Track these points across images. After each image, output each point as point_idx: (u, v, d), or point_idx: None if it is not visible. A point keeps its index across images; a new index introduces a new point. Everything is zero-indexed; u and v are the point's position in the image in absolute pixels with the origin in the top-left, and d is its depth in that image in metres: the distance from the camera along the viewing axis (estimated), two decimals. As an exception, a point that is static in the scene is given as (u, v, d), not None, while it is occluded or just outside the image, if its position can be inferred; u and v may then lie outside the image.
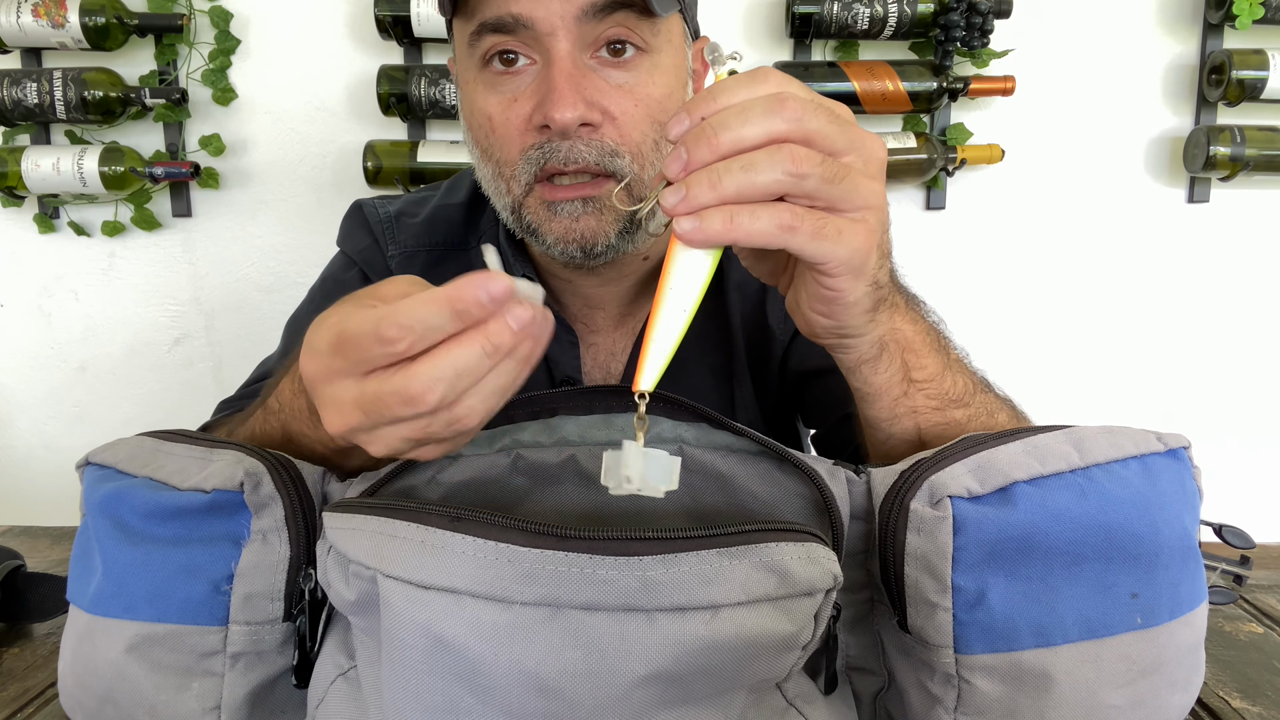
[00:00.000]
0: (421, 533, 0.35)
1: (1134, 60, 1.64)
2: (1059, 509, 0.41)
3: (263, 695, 0.45)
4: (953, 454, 0.43)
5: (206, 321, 1.70)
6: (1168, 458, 0.44)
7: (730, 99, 0.38)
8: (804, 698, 0.42)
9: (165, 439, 0.48)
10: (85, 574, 0.47)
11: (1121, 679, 0.42)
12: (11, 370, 1.72)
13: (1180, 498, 0.44)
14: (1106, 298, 1.69)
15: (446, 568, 0.34)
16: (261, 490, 0.44)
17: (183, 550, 0.44)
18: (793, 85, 0.40)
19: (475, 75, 0.65)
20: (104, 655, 0.44)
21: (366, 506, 0.39)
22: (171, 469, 0.45)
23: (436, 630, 0.35)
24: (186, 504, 0.43)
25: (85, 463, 0.49)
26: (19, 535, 0.88)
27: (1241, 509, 1.72)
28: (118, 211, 1.65)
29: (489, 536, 0.34)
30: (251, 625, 0.44)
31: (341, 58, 1.62)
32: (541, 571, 0.34)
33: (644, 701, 0.35)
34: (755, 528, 0.36)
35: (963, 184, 1.66)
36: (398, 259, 0.79)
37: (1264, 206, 1.67)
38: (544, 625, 0.34)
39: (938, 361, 0.51)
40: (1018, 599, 0.41)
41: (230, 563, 0.43)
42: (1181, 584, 0.44)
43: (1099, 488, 0.42)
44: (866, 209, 0.40)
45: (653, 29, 0.64)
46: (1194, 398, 1.71)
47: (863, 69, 1.54)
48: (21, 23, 1.50)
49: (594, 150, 0.62)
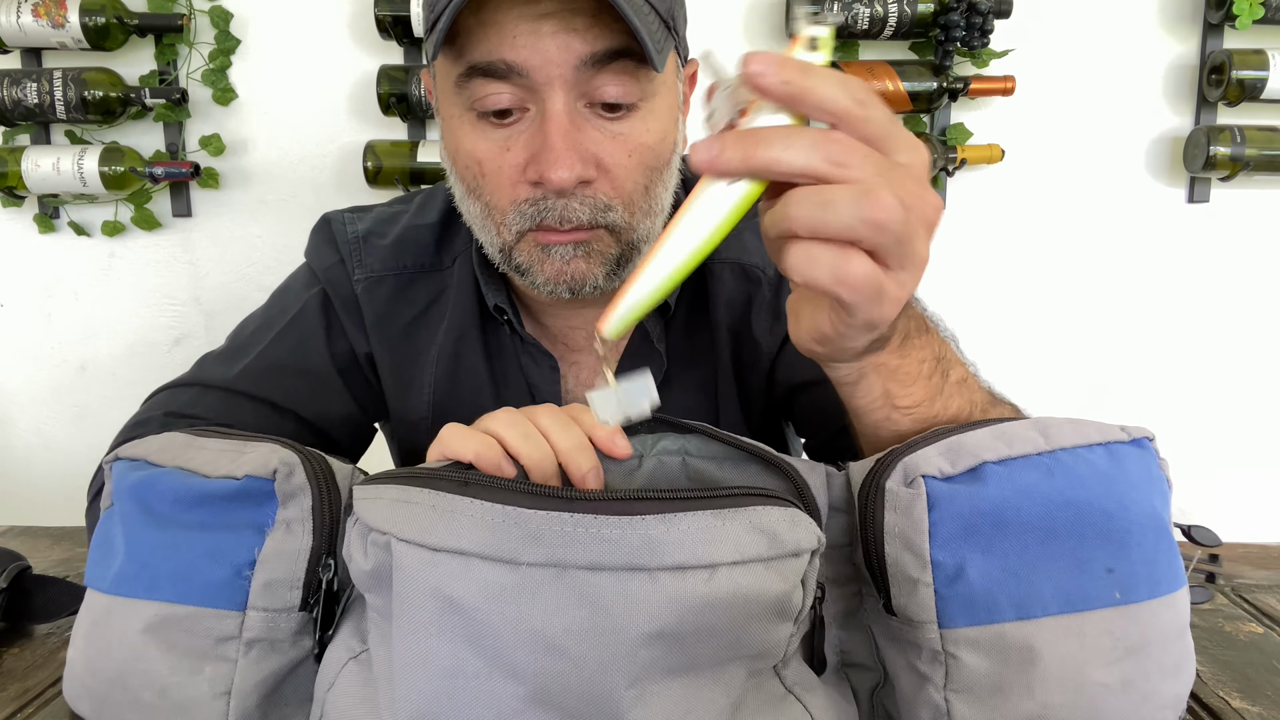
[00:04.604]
0: (433, 498, 0.37)
1: (1134, 60, 1.64)
2: (1027, 485, 0.42)
3: (272, 686, 0.45)
4: (924, 441, 0.44)
5: (206, 321, 1.70)
6: (1132, 446, 0.45)
7: (822, 103, 0.36)
8: (803, 685, 0.43)
9: (199, 434, 0.49)
10: (106, 558, 0.48)
11: (1108, 655, 0.43)
12: (11, 370, 1.72)
13: (1148, 481, 0.45)
14: (1106, 297, 1.69)
15: (455, 530, 0.36)
16: (293, 480, 0.44)
17: (209, 535, 0.44)
18: (895, 127, 0.38)
19: (462, 114, 0.63)
20: (120, 636, 0.45)
21: (389, 476, 0.41)
22: (202, 460, 0.46)
23: (446, 592, 0.36)
24: (216, 490, 0.44)
25: (114, 459, 0.50)
26: (19, 535, 0.88)
27: (1240, 508, 1.72)
28: (118, 211, 1.65)
29: (496, 500, 0.35)
30: (269, 612, 0.44)
31: (341, 58, 1.62)
32: (547, 531, 0.35)
33: (647, 662, 0.36)
34: (743, 491, 0.38)
35: (963, 184, 1.66)
36: (364, 284, 0.77)
37: (1264, 206, 1.67)
38: (550, 585, 0.35)
39: (926, 390, 0.50)
40: (995, 573, 0.42)
41: (254, 549, 0.44)
42: (1157, 563, 0.44)
43: (1065, 468, 0.43)
44: (915, 270, 0.39)
45: (649, 77, 0.62)
46: (1194, 397, 1.71)
47: (863, 69, 1.54)
48: (21, 23, 1.50)
49: (588, 208, 0.61)
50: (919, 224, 0.38)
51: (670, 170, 0.68)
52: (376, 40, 1.59)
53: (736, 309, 0.75)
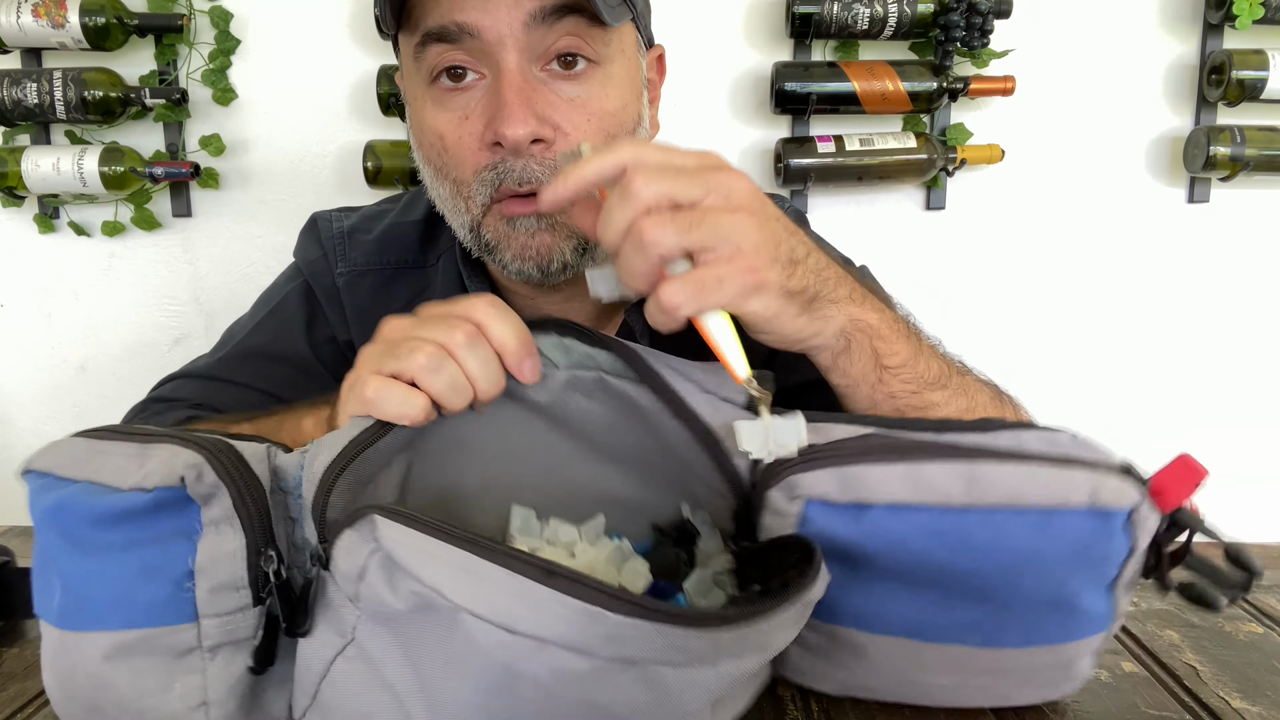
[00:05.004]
0: (514, 581, 0.36)
1: (1134, 60, 1.63)
2: (906, 538, 0.42)
3: (248, 683, 0.44)
4: (832, 457, 0.43)
5: (206, 321, 1.70)
6: (1087, 516, 0.41)
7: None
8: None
9: (100, 438, 0.46)
10: (47, 588, 0.46)
11: (947, 669, 0.45)
12: (11, 370, 1.72)
13: (1076, 560, 0.42)
14: (1106, 298, 1.69)
15: (540, 621, 0.36)
16: (205, 481, 0.42)
17: (136, 553, 0.42)
18: (643, 153, 0.45)
19: (423, 91, 0.63)
20: (81, 668, 0.43)
21: (440, 530, 0.39)
22: (110, 469, 0.44)
23: (517, 667, 0.37)
24: (131, 505, 0.42)
25: (26, 469, 0.47)
26: (19, 535, 0.88)
27: (1242, 507, 1.72)
28: (118, 211, 1.65)
29: (582, 598, 0.36)
30: (222, 617, 0.43)
31: (341, 58, 1.62)
32: (627, 635, 0.36)
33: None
34: (794, 578, 0.40)
35: (963, 184, 1.66)
36: (346, 277, 0.77)
37: (1264, 206, 1.67)
38: (620, 674, 0.37)
39: (908, 347, 0.53)
40: (844, 591, 0.43)
41: (187, 559, 0.42)
42: (1047, 624, 0.44)
43: (963, 533, 0.41)
44: (734, 242, 0.44)
45: (604, 39, 0.62)
46: (1194, 397, 1.71)
47: (863, 69, 1.54)
48: (21, 23, 1.50)
49: (547, 169, 0.61)
50: (716, 201, 0.45)
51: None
52: (376, 40, 1.59)
53: None
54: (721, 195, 0.44)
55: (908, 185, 1.65)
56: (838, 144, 1.55)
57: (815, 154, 1.55)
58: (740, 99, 1.64)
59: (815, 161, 1.55)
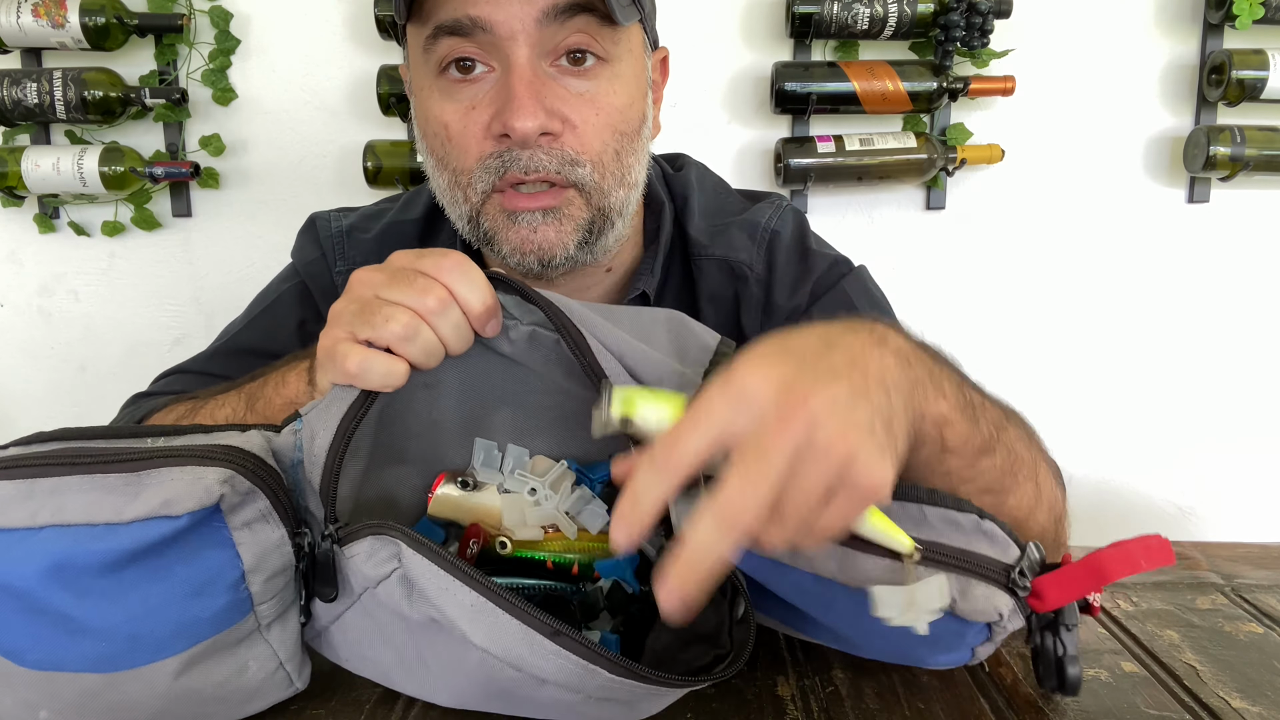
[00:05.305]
0: (525, 632, 0.41)
1: (1134, 60, 1.63)
2: (779, 588, 0.48)
3: (300, 631, 0.48)
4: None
5: (206, 321, 1.70)
6: (946, 619, 0.45)
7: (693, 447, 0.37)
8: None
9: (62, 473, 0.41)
10: (57, 646, 0.42)
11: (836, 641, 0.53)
12: (11, 370, 1.72)
13: (925, 640, 0.45)
14: (1106, 298, 1.69)
15: (543, 666, 0.42)
16: (238, 489, 0.42)
17: (174, 578, 0.42)
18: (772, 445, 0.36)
19: (431, 82, 0.63)
20: (145, 695, 0.43)
21: (461, 572, 0.42)
22: (79, 506, 0.41)
23: (516, 692, 0.44)
24: (144, 537, 0.40)
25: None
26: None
27: (1241, 509, 1.72)
28: (118, 211, 1.65)
29: (583, 656, 0.41)
30: (275, 597, 0.46)
31: (341, 58, 1.62)
32: (616, 686, 0.42)
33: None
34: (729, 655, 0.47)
35: (963, 184, 1.66)
36: (344, 275, 0.77)
37: (1264, 206, 1.67)
38: (604, 703, 0.44)
39: (967, 421, 0.48)
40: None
41: (235, 565, 0.42)
42: (908, 655, 0.51)
43: (828, 598, 0.47)
44: (844, 483, 0.37)
45: (613, 38, 0.63)
46: (1193, 398, 1.71)
47: (863, 69, 1.54)
48: (21, 23, 1.50)
49: (554, 159, 0.61)
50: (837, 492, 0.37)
51: (640, 141, 0.68)
52: (376, 40, 1.59)
53: (723, 305, 0.75)
54: (812, 463, 0.36)
55: (908, 185, 1.65)
56: (838, 144, 1.55)
57: (815, 154, 1.55)
58: (740, 99, 1.64)
59: (815, 161, 1.55)
